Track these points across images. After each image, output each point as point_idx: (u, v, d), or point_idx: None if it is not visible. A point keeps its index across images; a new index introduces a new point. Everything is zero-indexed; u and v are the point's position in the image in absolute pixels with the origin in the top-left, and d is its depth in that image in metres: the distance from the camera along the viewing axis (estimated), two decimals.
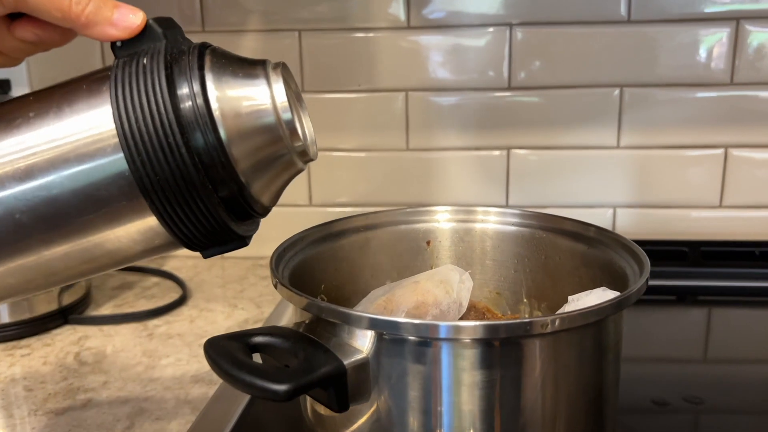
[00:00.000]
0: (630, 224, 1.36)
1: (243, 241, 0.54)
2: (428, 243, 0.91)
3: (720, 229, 1.35)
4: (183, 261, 1.45)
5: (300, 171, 0.54)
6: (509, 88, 1.31)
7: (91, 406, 0.92)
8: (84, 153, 0.47)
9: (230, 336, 0.63)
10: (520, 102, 1.32)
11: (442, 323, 0.58)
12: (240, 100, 0.49)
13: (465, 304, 0.79)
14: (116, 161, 0.47)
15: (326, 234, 0.83)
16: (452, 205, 0.91)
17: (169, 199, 0.48)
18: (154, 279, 1.36)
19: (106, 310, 1.22)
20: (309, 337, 0.63)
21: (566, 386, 0.63)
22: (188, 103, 0.47)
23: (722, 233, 1.34)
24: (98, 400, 0.93)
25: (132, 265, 1.40)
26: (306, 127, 0.55)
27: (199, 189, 0.48)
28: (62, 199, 0.47)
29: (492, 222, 0.90)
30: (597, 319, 0.62)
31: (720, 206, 1.34)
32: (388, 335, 0.60)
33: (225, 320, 1.18)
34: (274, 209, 0.57)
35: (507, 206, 0.90)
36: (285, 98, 0.49)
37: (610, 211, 1.36)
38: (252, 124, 0.49)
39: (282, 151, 0.51)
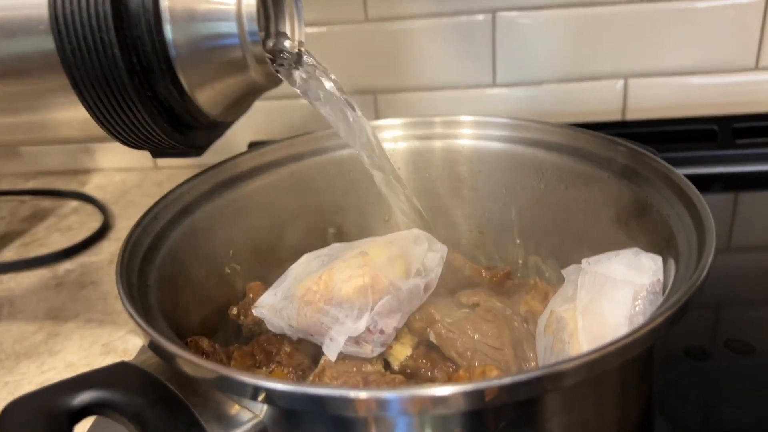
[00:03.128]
0: (645, 98, 1.06)
1: (190, 152, 0.49)
2: None
3: (756, 98, 1.05)
4: (109, 177, 1.17)
5: (263, 88, 0.49)
6: None
7: None
8: (15, 28, 0.43)
9: (43, 395, 0.38)
10: None
11: (385, 395, 0.32)
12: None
13: (434, 283, 0.53)
14: (46, 44, 0.42)
15: (223, 179, 0.56)
16: (406, 118, 0.62)
17: (100, 98, 0.43)
18: (73, 204, 1.08)
19: (10, 251, 0.96)
20: (172, 396, 0.37)
21: None
22: None
23: (760, 102, 1.04)
24: None
25: (48, 188, 1.13)
26: (288, 38, 0.51)
27: (132, 94, 0.42)
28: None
29: (468, 137, 0.61)
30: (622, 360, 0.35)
31: (756, 68, 1.04)
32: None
33: None
34: None
35: (490, 115, 0.60)
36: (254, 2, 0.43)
37: (621, 82, 1.06)
38: (207, 29, 0.43)
39: (241, 66, 0.45)
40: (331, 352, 0.48)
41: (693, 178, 0.98)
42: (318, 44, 1.06)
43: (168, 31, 0.42)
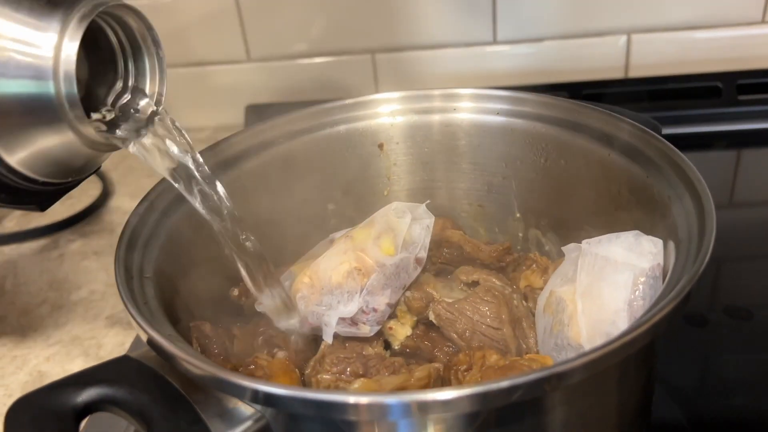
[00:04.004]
0: (648, 54, 1.04)
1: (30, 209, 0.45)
2: (381, 146, 0.62)
3: (763, 53, 1.02)
4: None
5: (106, 149, 0.44)
6: None
7: None
8: None
9: (49, 391, 0.38)
10: None
11: (384, 400, 0.32)
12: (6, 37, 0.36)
13: (425, 253, 0.52)
14: None
15: (219, 161, 0.55)
16: (403, 91, 0.60)
17: None
18: None
19: (11, 221, 0.96)
20: (175, 393, 0.37)
21: None
22: None
23: (766, 57, 1.02)
24: None
25: None
26: (144, 95, 0.45)
27: None
28: None
29: (467, 111, 0.60)
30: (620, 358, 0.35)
31: (763, 21, 1.01)
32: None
33: None
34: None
35: (489, 87, 0.59)
36: (74, 56, 0.37)
37: (623, 38, 1.04)
38: (13, 88, 0.37)
39: (59, 131, 0.39)
40: (327, 336, 0.49)
41: (696, 136, 0.98)
42: (316, 3, 1.03)
43: None
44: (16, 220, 0.96)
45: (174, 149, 0.45)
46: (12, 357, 0.73)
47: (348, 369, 0.45)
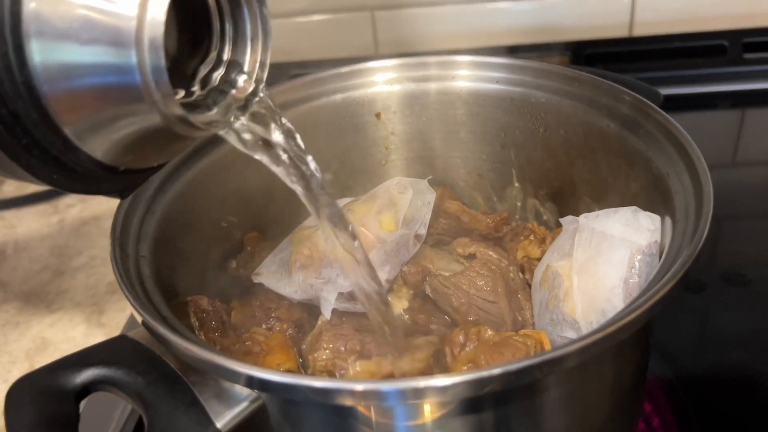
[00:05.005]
0: (653, 11, 1.01)
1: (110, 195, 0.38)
2: (378, 115, 0.61)
3: None
4: None
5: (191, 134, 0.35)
6: None
7: None
8: None
9: (47, 373, 0.38)
10: None
11: (380, 387, 0.32)
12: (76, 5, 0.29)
13: (424, 230, 0.52)
14: None
15: (205, 140, 0.54)
16: (400, 59, 0.59)
17: None
18: None
19: (10, 186, 0.96)
20: (171, 374, 0.38)
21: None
22: None
23: None
24: None
25: None
26: (242, 70, 0.37)
27: None
28: None
29: (465, 79, 0.58)
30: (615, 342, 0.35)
31: None
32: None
33: None
34: None
35: (487, 55, 0.57)
36: (163, 17, 0.30)
37: None
38: (89, 59, 0.30)
39: (141, 112, 0.32)
40: (325, 311, 0.49)
41: (701, 96, 0.97)
42: None
43: (35, 63, 0.31)
44: (15, 184, 0.96)
45: (277, 135, 0.39)
46: (15, 324, 0.73)
47: (345, 346, 0.45)
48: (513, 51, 0.99)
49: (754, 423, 0.56)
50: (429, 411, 0.34)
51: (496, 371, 0.31)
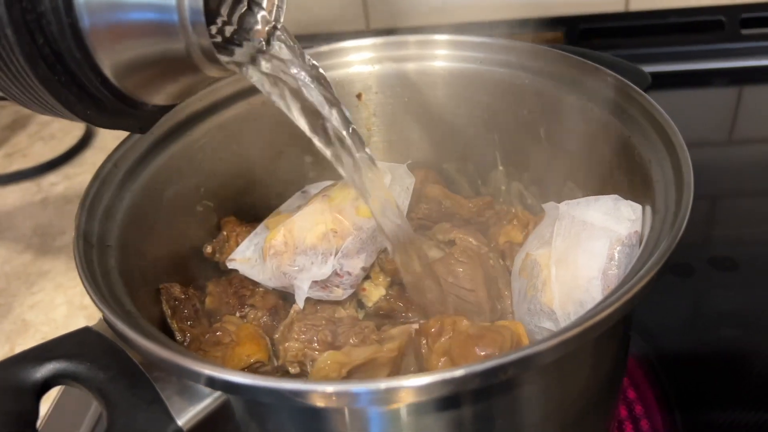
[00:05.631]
0: None
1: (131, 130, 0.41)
2: (359, 96, 0.59)
3: None
4: None
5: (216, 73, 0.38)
6: None
7: None
8: None
9: (8, 366, 0.38)
10: None
11: (350, 388, 0.31)
12: None
13: (403, 216, 0.51)
14: None
15: (181, 119, 0.52)
16: (380, 37, 0.57)
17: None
18: None
19: None
20: (134, 370, 0.37)
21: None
22: None
23: None
24: None
25: None
26: (262, 8, 0.40)
27: (36, 83, 0.34)
28: None
29: (444, 59, 0.57)
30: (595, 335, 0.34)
31: None
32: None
33: None
34: None
35: (466, 34, 0.55)
36: None
37: None
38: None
39: (175, 50, 0.35)
40: (299, 299, 0.48)
41: (698, 73, 0.94)
42: None
43: (81, 3, 0.33)
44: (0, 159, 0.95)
45: (300, 73, 0.40)
46: None
47: (316, 337, 0.44)
48: (507, 26, 0.97)
49: (738, 403, 0.55)
50: (396, 410, 0.34)
51: (459, 373, 0.30)
